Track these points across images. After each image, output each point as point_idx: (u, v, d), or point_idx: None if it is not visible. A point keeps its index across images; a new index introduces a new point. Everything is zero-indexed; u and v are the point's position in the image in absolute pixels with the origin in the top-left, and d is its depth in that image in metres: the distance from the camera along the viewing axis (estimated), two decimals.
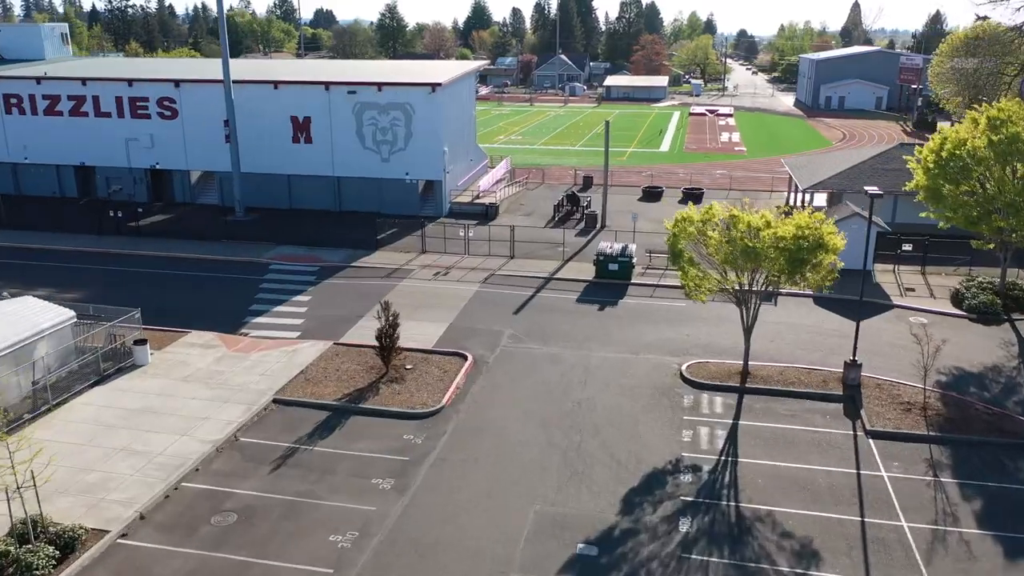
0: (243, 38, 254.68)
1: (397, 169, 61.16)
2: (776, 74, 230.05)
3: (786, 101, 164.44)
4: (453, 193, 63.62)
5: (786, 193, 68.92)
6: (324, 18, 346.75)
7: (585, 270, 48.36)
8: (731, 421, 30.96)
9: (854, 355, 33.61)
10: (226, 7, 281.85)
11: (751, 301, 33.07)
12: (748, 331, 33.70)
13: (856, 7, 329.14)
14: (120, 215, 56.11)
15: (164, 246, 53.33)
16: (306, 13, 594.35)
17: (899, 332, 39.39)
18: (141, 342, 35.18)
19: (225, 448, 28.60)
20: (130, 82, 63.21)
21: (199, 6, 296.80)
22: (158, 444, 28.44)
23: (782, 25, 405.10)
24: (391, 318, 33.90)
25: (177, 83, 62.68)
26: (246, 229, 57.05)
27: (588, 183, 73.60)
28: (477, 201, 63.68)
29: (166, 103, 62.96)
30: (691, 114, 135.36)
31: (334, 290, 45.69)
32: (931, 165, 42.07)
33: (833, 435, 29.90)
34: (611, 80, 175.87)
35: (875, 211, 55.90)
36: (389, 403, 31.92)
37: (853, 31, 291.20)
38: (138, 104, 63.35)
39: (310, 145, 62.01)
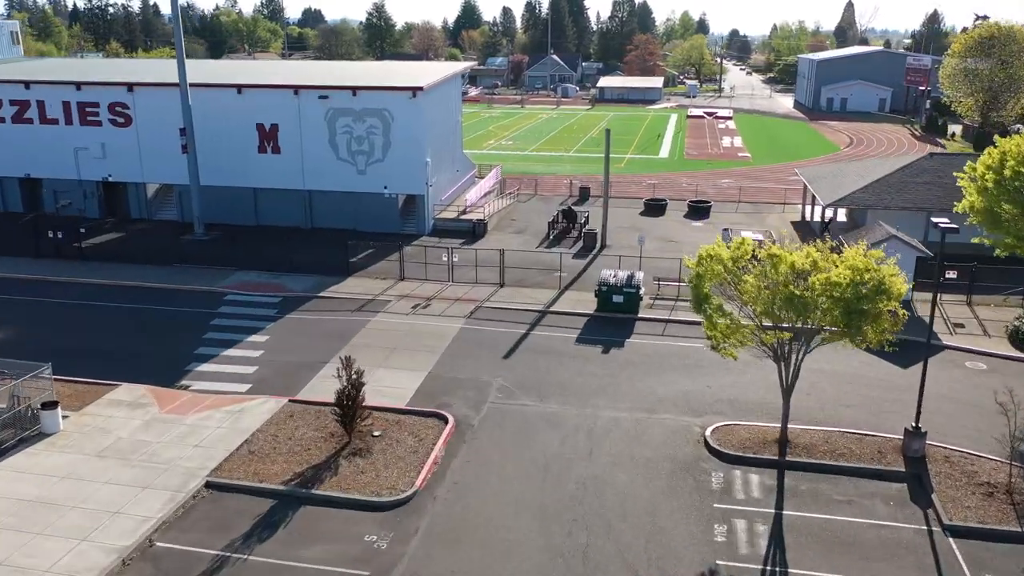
0: (227, 38, 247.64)
1: (374, 182, 54.87)
2: (772, 74, 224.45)
3: (785, 103, 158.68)
4: (437, 208, 57.36)
5: (800, 206, 62.96)
6: (312, 17, 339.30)
7: (585, 301, 42.19)
8: (773, 511, 24.79)
9: (917, 421, 27.51)
10: (212, 6, 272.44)
11: (792, 356, 26.96)
12: (788, 392, 27.58)
13: (850, 7, 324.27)
14: (60, 235, 49.65)
15: (108, 272, 46.87)
16: (294, 12, 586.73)
17: (957, 381, 33.39)
18: (51, 405, 28.81)
19: (135, 559, 22.28)
20: (78, 85, 56.68)
21: (184, 5, 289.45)
22: (48, 554, 22.11)
23: (775, 25, 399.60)
24: (354, 377, 27.66)
25: (130, 87, 56.17)
26: (204, 250, 50.64)
27: (585, 194, 67.41)
28: (463, 217, 57.41)
29: (118, 109, 56.45)
30: (689, 117, 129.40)
31: (296, 327, 39.36)
32: (989, 184, 35.97)
33: (902, 531, 23.79)
34: (605, 81, 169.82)
35: (905, 224, 50.24)
36: (350, 486, 25.67)
37: (848, 31, 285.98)
38: (88, 110, 56.82)
39: (278, 155, 55.65)
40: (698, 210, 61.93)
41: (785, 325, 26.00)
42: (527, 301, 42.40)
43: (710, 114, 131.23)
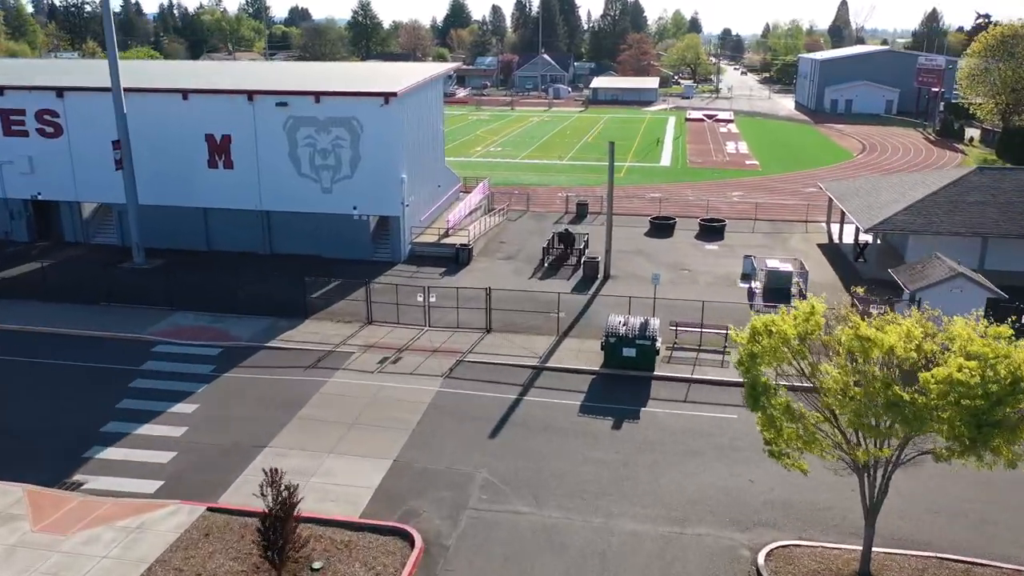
0: (208, 37, 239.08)
1: (342, 202, 47.28)
2: (768, 74, 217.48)
3: (786, 104, 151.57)
4: (415, 231, 49.76)
5: (825, 224, 55.69)
6: (300, 16, 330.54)
7: (589, 352, 34.73)
8: None
9: None
10: (196, 4, 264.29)
11: (881, 468, 19.54)
12: (873, 512, 20.15)
13: (844, 5, 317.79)
14: None
15: (17, 314, 39.10)
16: (281, 11, 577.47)
17: None
18: None
19: None
20: (1, 90, 48.82)
21: (165, 4, 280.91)
22: None
23: (767, 24, 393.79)
24: (284, 495, 20.14)
25: (60, 92, 48.34)
26: (142, 283, 42.94)
27: (582, 211, 59.91)
28: (445, 241, 49.84)
29: (47, 117, 48.64)
30: (688, 120, 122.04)
31: (235, 391, 31.73)
32: None
33: None
34: (598, 81, 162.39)
35: (955, 251, 42.98)
36: None
37: (844, 30, 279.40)
38: (12, 118, 48.98)
39: (231, 171, 47.98)
40: (711, 230, 54.54)
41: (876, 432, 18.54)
42: (519, 353, 34.87)
43: (710, 116, 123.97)
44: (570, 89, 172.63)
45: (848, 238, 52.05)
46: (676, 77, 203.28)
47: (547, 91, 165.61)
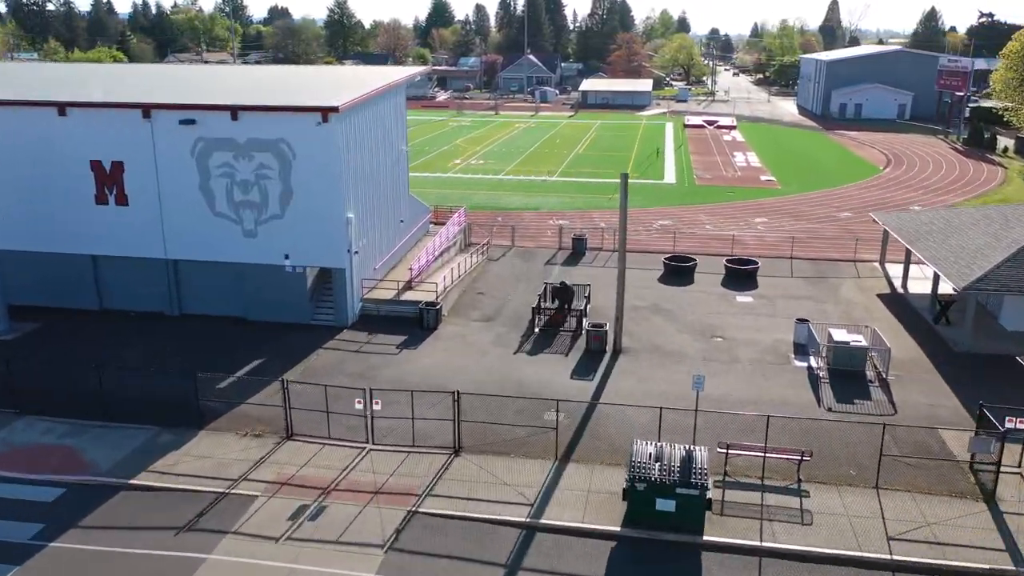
0: (178, 36, 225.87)
1: (269, 249, 35.80)
2: (764, 76, 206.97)
3: (788, 108, 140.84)
4: (367, 284, 38.25)
5: (879, 265, 44.70)
6: (279, 15, 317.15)
7: (602, 491, 23.47)
8: None
9: None
10: (170, 3, 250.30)
11: None
12: None
13: (835, 5, 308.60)
14: None
15: None
16: (260, 11, 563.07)
17: None
18: None
19: None
20: None
21: (139, 3, 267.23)
22: None
23: (755, 24, 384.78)
24: None
25: None
26: None
27: (580, 247, 48.60)
28: (408, 296, 38.36)
29: None
30: (688, 126, 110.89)
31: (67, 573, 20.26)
32: None
33: None
34: (588, 84, 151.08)
35: None
36: None
37: (837, 30, 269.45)
38: None
39: (125, 208, 36.39)
40: (741, 274, 43.37)
41: None
42: (500, 495, 23.48)
43: (711, 123, 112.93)
44: (557, 91, 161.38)
45: (917, 286, 41.01)
46: (668, 79, 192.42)
47: (533, 94, 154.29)
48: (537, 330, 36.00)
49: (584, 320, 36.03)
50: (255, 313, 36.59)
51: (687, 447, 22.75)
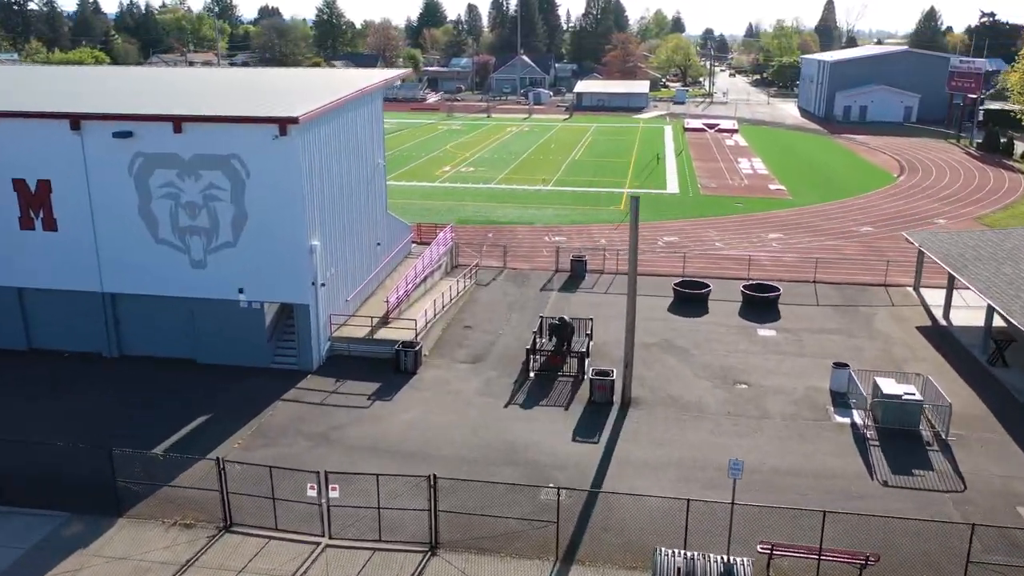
0: (164, 36, 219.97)
1: (221, 281, 30.69)
2: (761, 77, 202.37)
3: (788, 110, 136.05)
4: (337, 320, 33.14)
5: (913, 290, 39.83)
6: (270, 15, 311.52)
7: None
8: None
9: None
10: (158, 2, 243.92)
11: None
12: None
13: (831, 5, 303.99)
14: None
15: None
16: (250, 10, 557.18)
17: None
18: None
19: None
20: None
21: (125, 3, 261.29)
22: None
23: (750, 24, 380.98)
24: None
25: None
26: None
27: (579, 270, 43.52)
28: (383, 334, 33.26)
29: None
30: (688, 130, 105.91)
31: None
32: None
33: None
34: (583, 86, 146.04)
35: None
36: None
37: (834, 31, 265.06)
38: None
39: (53, 234, 31.23)
40: (760, 303, 38.41)
41: None
42: None
43: (711, 126, 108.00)
44: (551, 93, 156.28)
45: (961, 316, 36.14)
46: (664, 80, 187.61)
47: (526, 95, 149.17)
48: (532, 375, 30.97)
49: (586, 362, 31.00)
50: (206, 355, 31.48)
51: (725, 560, 17.74)
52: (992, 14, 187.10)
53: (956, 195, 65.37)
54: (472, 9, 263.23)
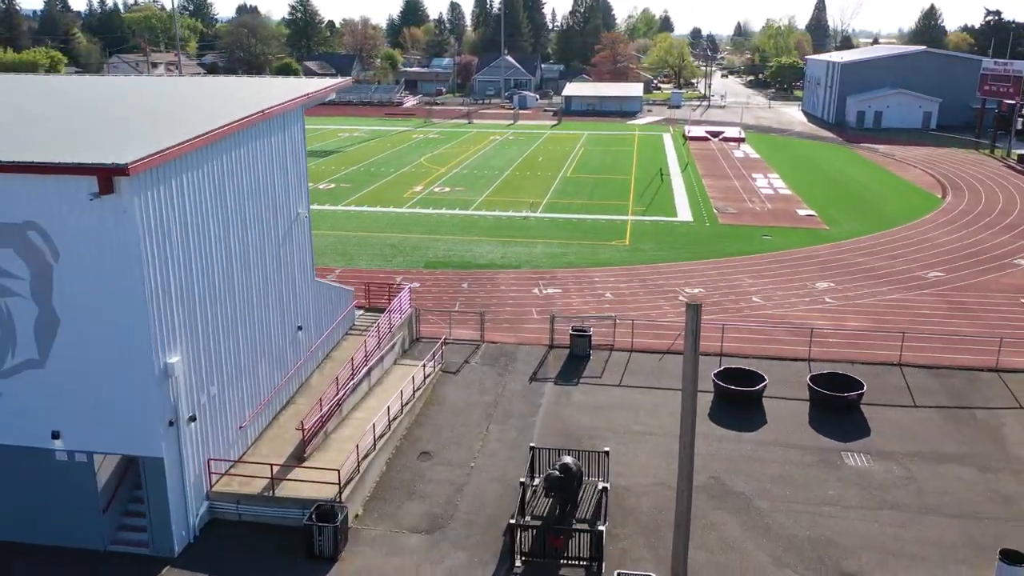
0: (129, 36, 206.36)
1: (24, 420, 19.06)
2: (755, 77, 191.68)
3: (793, 115, 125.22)
4: (217, 469, 21.49)
5: None
6: (248, 13, 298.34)
7: None
8: None
9: None
10: (127, 0, 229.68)
11: None
12: None
13: (821, 3, 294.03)
14: None
15: None
16: (228, 9, 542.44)
17: None
18: None
19: None
20: None
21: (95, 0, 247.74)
22: None
23: (738, 23, 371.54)
24: None
25: None
26: None
27: (578, 350, 31.99)
28: (288, 488, 21.58)
29: None
30: (689, 139, 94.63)
31: None
32: None
33: None
34: (572, 88, 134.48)
35: None
36: None
37: (828, 30, 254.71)
38: None
39: None
40: (836, 405, 27.12)
41: None
42: None
43: (715, 134, 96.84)
44: (537, 96, 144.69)
45: None
46: (656, 81, 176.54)
47: (511, 99, 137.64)
48: (519, 563, 19.51)
49: (601, 529, 19.54)
50: (10, 530, 19.88)
51: None
52: (998, 12, 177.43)
53: (1021, 223, 54.42)
54: (455, 8, 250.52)
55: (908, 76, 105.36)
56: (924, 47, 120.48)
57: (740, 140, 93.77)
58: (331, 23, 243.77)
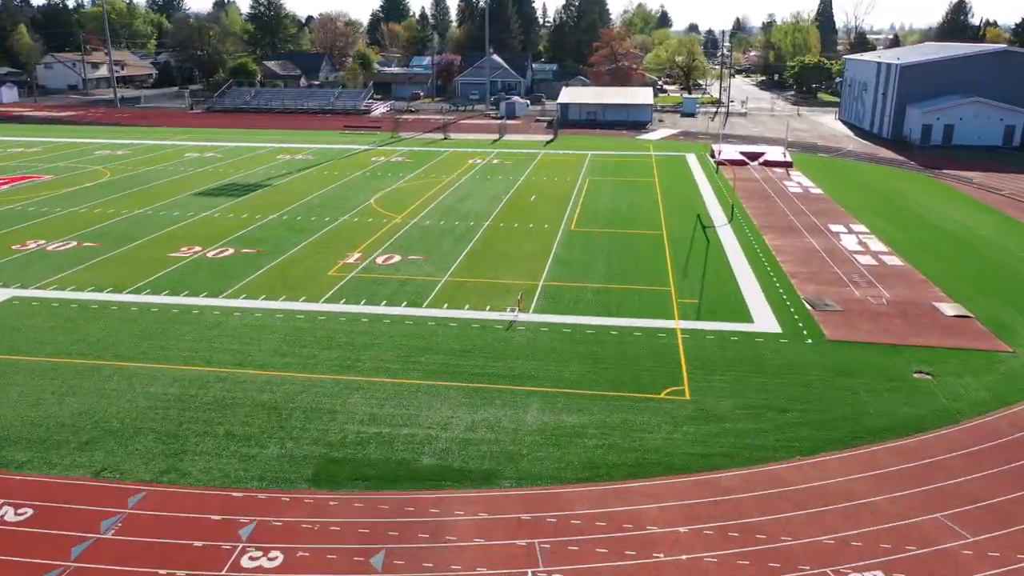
0: (76, 31, 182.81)
1: None
2: (767, 78, 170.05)
3: (834, 126, 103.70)
4: None
5: None
6: (222, 7, 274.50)
7: None
8: None
9: None
10: None
11: None
12: None
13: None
14: None
15: None
16: (204, 4, 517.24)
17: None
18: None
19: None
20: None
21: None
22: None
23: (737, 19, 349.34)
24: None
25: None
26: None
27: None
28: None
29: None
30: (719, 163, 72.73)
31: None
32: None
33: None
34: (568, 94, 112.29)
35: None
36: None
37: (835, 26, 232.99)
38: None
39: None
40: None
41: None
42: None
43: (753, 156, 75.17)
44: (528, 102, 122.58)
45: None
46: (660, 83, 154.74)
47: (498, 105, 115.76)
48: None
49: None
50: None
51: None
52: None
53: None
54: (439, 2, 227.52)
55: (982, 81, 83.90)
56: (1004, 45, 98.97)
57: (787, 165, 72.16)
58: (307, 19, 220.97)
